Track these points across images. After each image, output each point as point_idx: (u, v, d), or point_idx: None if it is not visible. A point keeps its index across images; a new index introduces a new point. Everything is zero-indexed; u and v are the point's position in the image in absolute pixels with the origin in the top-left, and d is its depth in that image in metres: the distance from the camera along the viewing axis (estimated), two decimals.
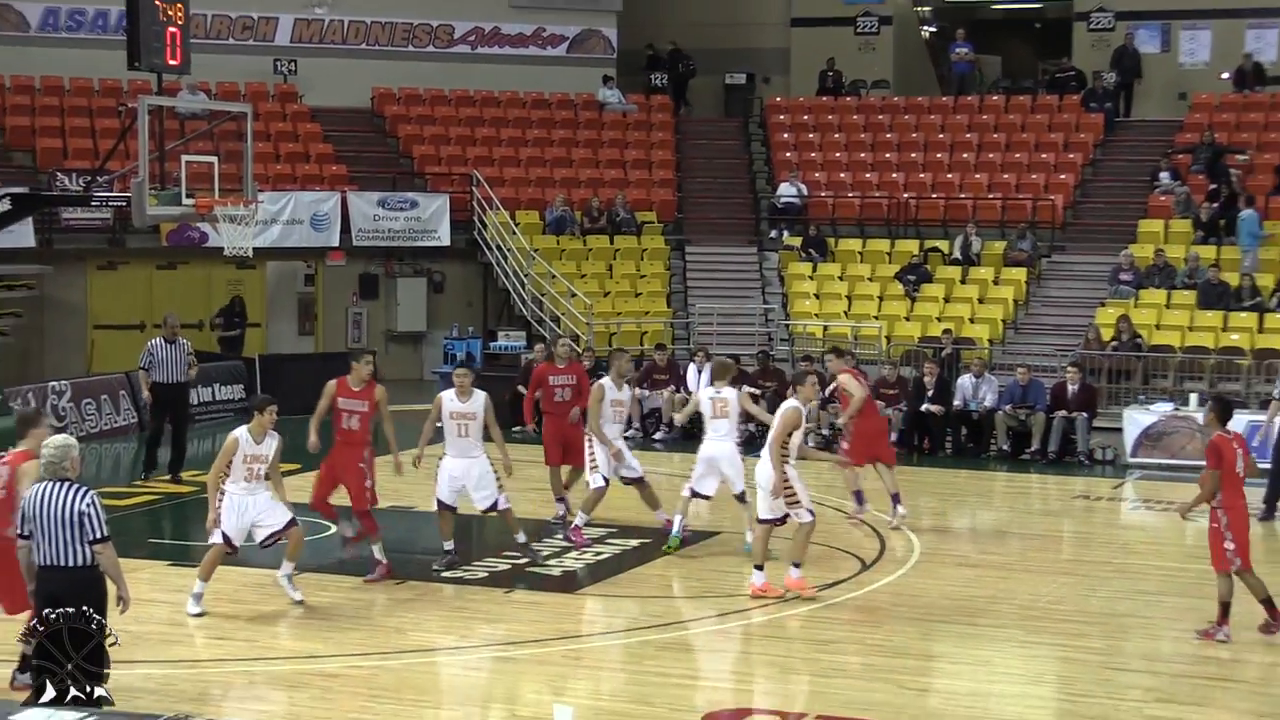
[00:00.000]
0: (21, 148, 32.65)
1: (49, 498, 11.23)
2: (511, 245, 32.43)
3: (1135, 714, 12.76)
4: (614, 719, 12.28)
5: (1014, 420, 25.57)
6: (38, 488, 11.35)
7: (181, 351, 22.56)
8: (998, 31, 41.74)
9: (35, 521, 11.22)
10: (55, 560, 11.20)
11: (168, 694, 12.73)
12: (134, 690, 12.27)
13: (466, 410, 17.23)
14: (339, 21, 36.66)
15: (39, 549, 11.24)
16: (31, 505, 11.28)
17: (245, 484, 15.15)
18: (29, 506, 11.30)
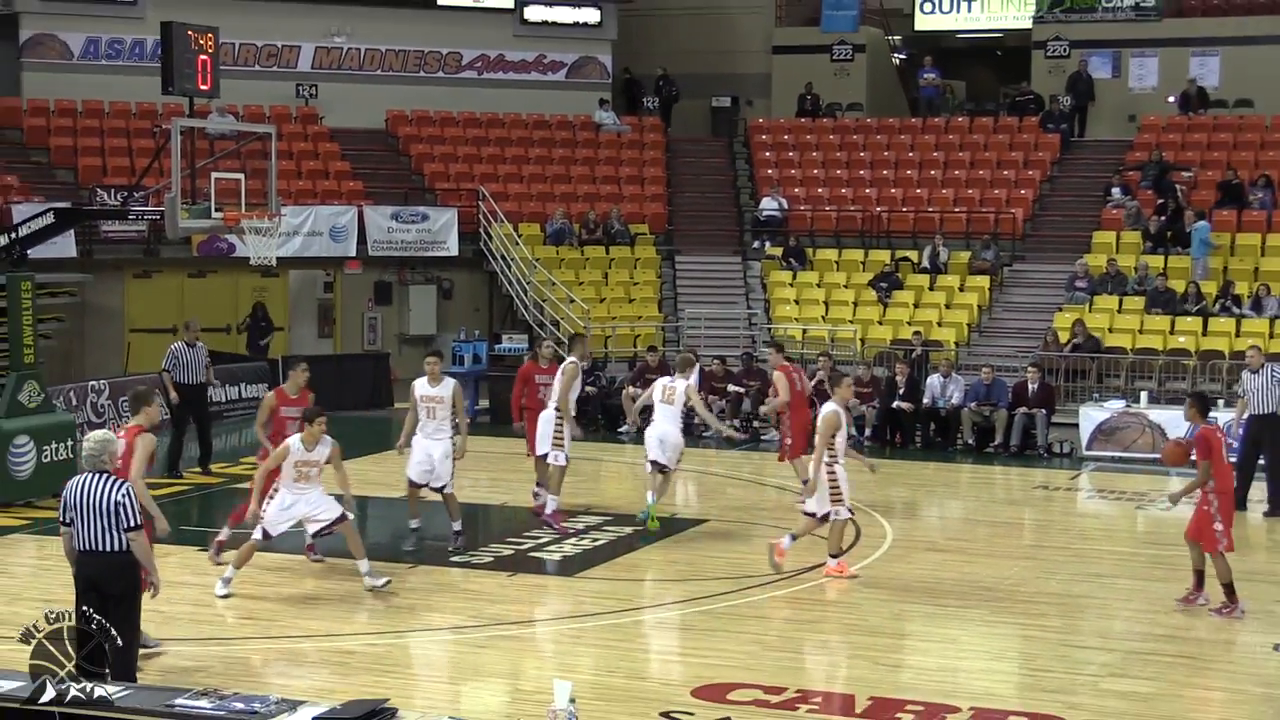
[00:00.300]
0: (65, 166, 32.59)
1: (88, 488, 11.20)
2: (515, 255, 32.38)
3: (1091, 687, 12.73)
4: (610, 693, 12.23)
5: (979, 416, 25.54)
6: (78, 479, 11.31)
7: (201, 354, 22.55)
8: (962, 58, 41.69)
9: (75, 510, 11.19)
10: (93, 546, 11.17)
11: (196, 670, 12.69)
12: (165, 667, 12.23)
13: (435, 395, 17.47)
14: (356, 49, 36.60)
15: (79, 536, 11.20)
16: (72, 495, 11.24)
17: (296, 485, 15.20)
18: (70, 496, 11.25)
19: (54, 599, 15.11)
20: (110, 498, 11.17)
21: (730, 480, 22.99)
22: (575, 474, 22.60)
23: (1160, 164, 32.46)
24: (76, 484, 11.29)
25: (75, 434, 21.21)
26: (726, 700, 12.13)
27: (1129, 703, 12.26)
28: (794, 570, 16.42)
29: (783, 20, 39.87)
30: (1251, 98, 35.15)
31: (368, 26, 36.41)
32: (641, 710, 11.81)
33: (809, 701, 12.16)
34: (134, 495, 11.31)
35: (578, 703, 8.83)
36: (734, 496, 21.77)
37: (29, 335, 20.66)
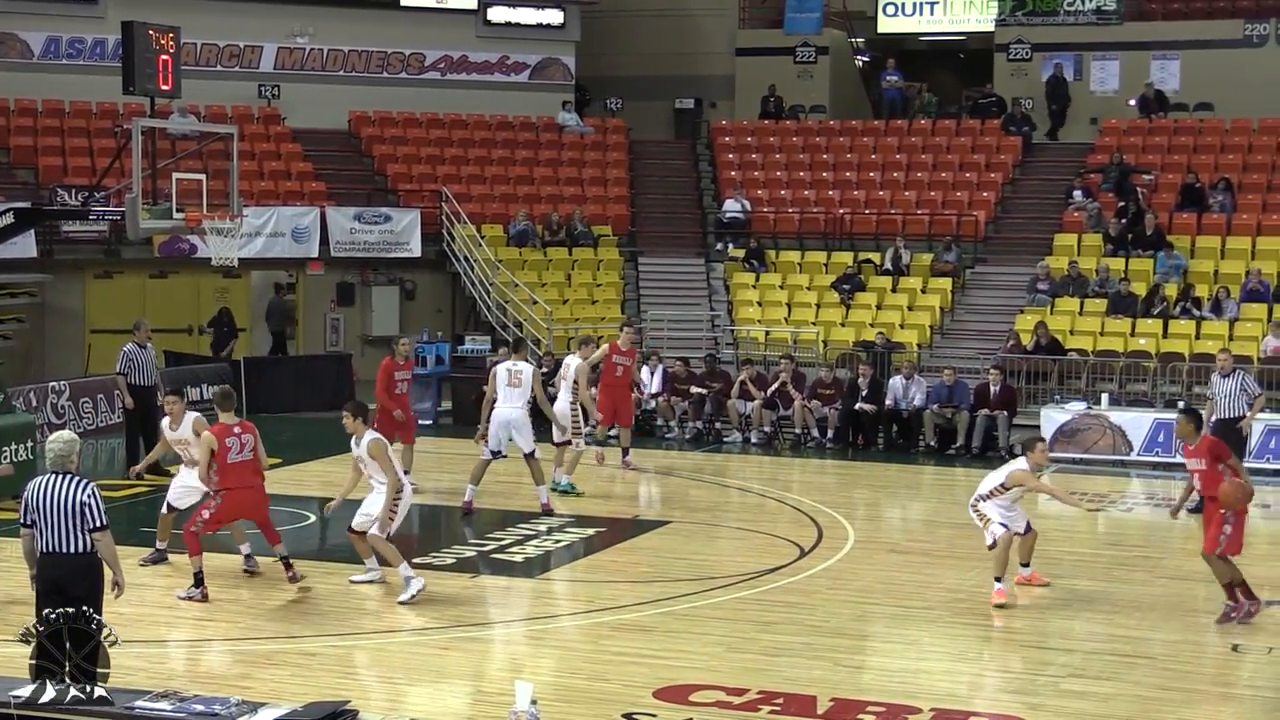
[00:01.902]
0: (25, 165, 32.42)
1: (53, 489, 11.11)
2: (478, 256, 32.35)
3: (1051, 688, 12.79)
4: (572, 694, 12.23)
5: (941, 418, 25.62)
6: (41, 480, 11.22)
7: (151, 356, 22.48)
8: (925, 61, 41.80)
9: (38, 511, 11.09)
10: (56, 547, 11.08)
11: (158, 671, 12.64)
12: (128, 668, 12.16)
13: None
14: (319, 50, 36.52)
15: (41, 537, 11.12)
16: (35, 496, 11.14)
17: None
18: (32, 497, 11.15)
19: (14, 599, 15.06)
20: (75, 498, 11.09)
21: (692, 482, 23.00)
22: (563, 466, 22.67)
23: (1121, 167, 32.61)
24: (39, 485, 11.20)
25: (36, 435, 21.12)
26: (689, 702, 12.14)
27: (1089, 703, 12.32)
28: (755, 572, 16.44)
29: (746, 22, 39.92)
30: (1211, 101, 35.34)
31: (330, 27, 36.34)
32: (603, 712, 11.81)
33: (771, 703, 12.17)
34: (99, 495, 11.25)
35: (539, 704, 8.83)
36: (696, 498, 21.79)
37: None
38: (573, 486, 20.98)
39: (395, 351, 21.33)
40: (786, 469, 24.63)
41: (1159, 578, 17.05)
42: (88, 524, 11.10)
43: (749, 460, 25.24)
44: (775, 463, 24.95)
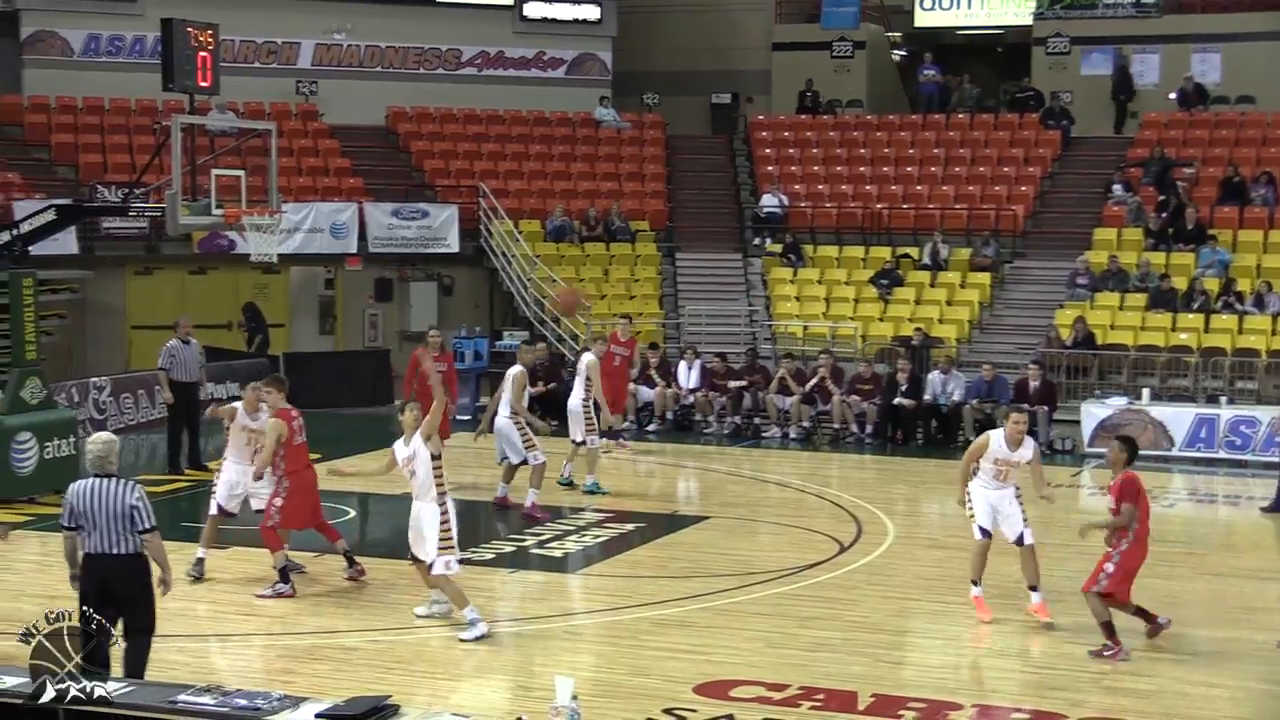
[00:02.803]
0: (65, 163, 32.60)
1: (99, 492, 11.10)
2: (515, 252, 32.38)
3: (1094, 684, 12.73)
4: (613, 689, 12.23)
5: (980, 413, 25.52)
6: (85, 484, 11.19)
7: (195, 352, 22.54)
8: (962, 55, 41.63)
9: (86, 515, 11.08)
10: (105, 549, 11.09)
11: (201, 666, 12.69)
12: (171, 662, 12.22)
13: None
14: (356, 46, 36.61)
15: (89, 539, 11.11)
16: (80, 500, 11.11)
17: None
18: (77, 502, 11.12)
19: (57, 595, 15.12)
20: (125, 501, 11.10)
21: (731, 477, 22.98)
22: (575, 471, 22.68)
23: (1162, 160, 32.44)
24: (85, 489, 11.18)
25: (77, 430, 21.25)
26: (729, 697, 12.12)
27: (1132, 699, 12.26)
28: (795, 567, 16.41)
29: (783, 17, 39.83)
30: (1252, 94, 35.11)
31: (368, 23, 36.42)
32: (644, 707, 11.80)
33: (811, 698, 12.15)
34: (146, 497, 11.29)
35: (580, 699, 8.82)
36: (735, 493, 21.76)
37: (31, 332, 20.68)
38: (598, 486, 20.90)
39: (426, 342, 21.39)
40: (825, 464, 24.59)
41: (1201, 574, 16.97)
42: (137, 526, 11.12)
43: (788, 455, 25.20)
44: (814, 458, 24.91)
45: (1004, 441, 14.57)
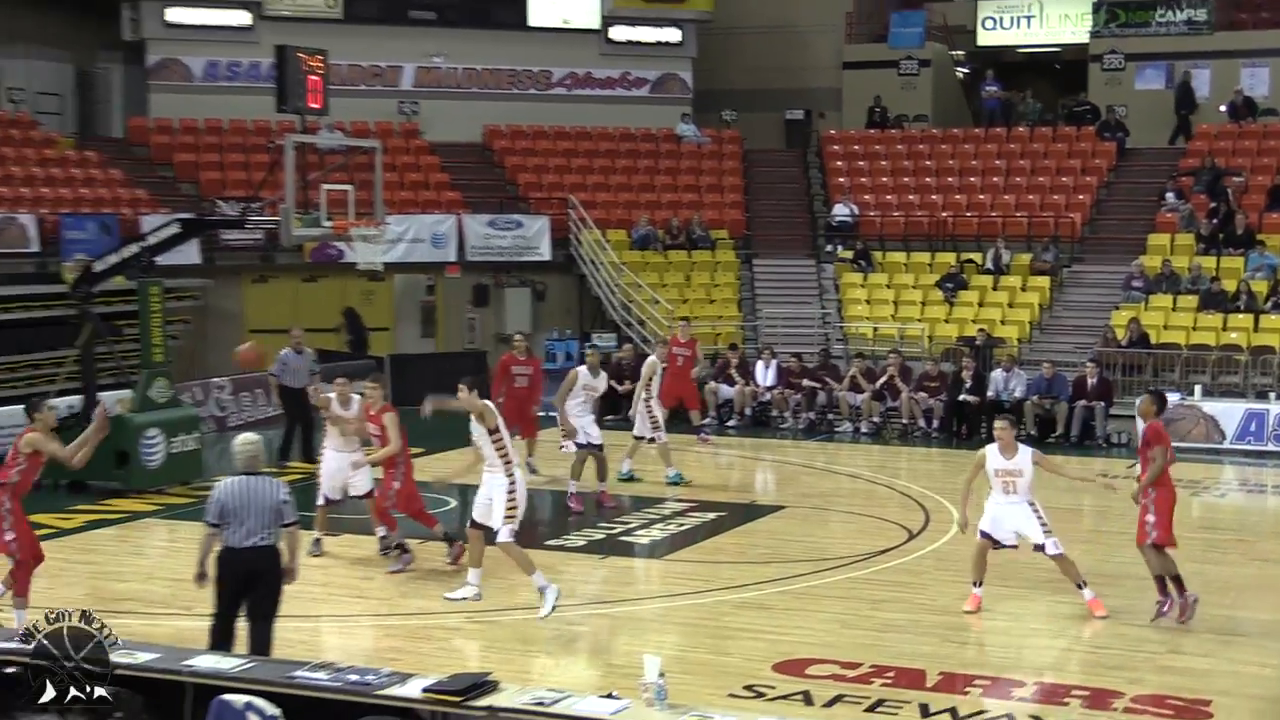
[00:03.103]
0: (188, 179, 32.98)
1: (251, 489, 11.22)
2: (603, 260, 32.45)
3: (1149, 663, 12.65)
4: (697, 667, 12.26)
5: (1041, 409, 25.36)
6: (235, 481, 11.29)
7: (306, 360, 22.71)
8: (1022, 71, 41.32)
9: (237, 512, 11.15)
10: (255, 542, 11.18)
11: (315, 644, 12.83)
12: (288, 641, 12.35)
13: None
14: (454, 69, 36.81)
15: (233, 533, 11.16)
16: (232, 498, 11.18)
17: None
18: (228, 499, 11.18)
19: (182, 578, 15.32)
20: (276, 496, 11.26)
21: (806, 469, 22.95)
22: (661, 463, 22.71)
23: (1213, 169, 32.09)
24: (236, 486, 11.25)
25: (200, 427, 21.53)
26: (805, 675, 12.13)
27: (1186, 678, 12.17)
28: (866, 553, 16.38)
29: (852, 37, 39.68)
30: None
31: (465, 48, 36.59)
32: (726, 684, 11.83)
33: (883, 676, 12.14)
34: (291, 494, 11.46)
35: (666, 676, 8.85)
36: (810, 484, 21.72)
37: (158, 336, 20.96)
38: (680, 477, 20.91)
39: (513, 347, 21.42)
40: (894, 457, 24.49)
41: (1252, 560, 16.82)
42: (283, 519, 11.27)
43: (859, 449, 25.12)
44: (884, 451, 24.82)
45: (998, 452, 14.26)
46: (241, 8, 34.80)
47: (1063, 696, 11.68)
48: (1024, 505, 14.25)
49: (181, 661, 9.63)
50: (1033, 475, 14.18)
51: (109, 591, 14.95)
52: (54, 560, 16.36)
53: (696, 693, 11.08)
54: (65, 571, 15.87)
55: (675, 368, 23.45)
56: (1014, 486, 14.18)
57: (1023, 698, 11.63)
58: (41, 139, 32.34)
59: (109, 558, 16.63)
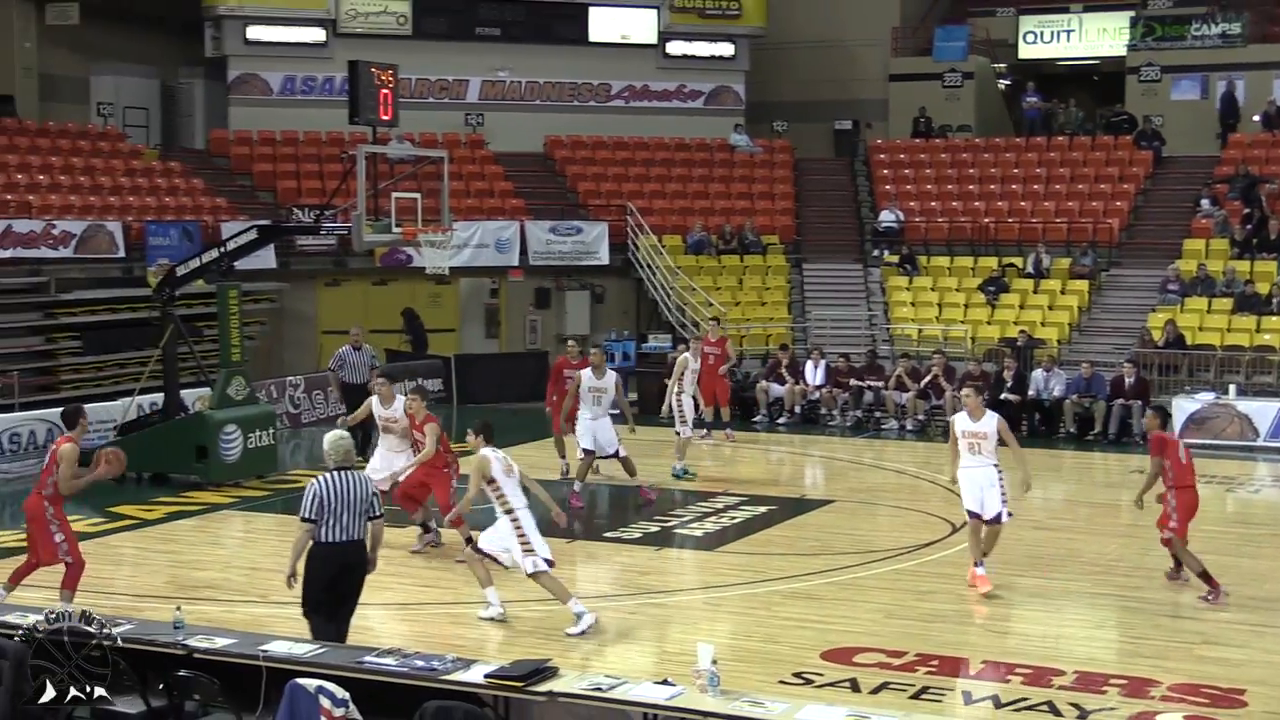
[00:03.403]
0: (265, 188, 33.15)
1: (346, 484, 11.04)
2: (659, 264, 32.40)
3: (1186, 654, 12.48)
4: (747, 655, 12.19)
5: (1080, 407, 25.14)
6: (332, 477, 11.05)
7: (365, 357, 22.75)
8: (1062, 83, 41.03)
9: (334, 507, 10.94)
10: (351, 536, 11.02)
11: (383, 631, 12.83)
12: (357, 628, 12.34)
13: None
14: (518, 82, 36.83)
15: (331, 528, 10.95)
16: (329, 493, 10.95)
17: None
18: (326, 494, 10.94)
19: (258, 567, 15.44)
20: (368, 490, 11.14)
21: (853, 465, 22.82)
22: (715, 458, 22.68)
23: (1247, 177, 31.75)
24: (334, 482, 11.03)
25: (275, 423, 21.60)
26: (853, 663, 12.04)
27: (1222, 668, 12.00)
28: (911, 546, 16.27)
29: (898, 51, 39.49)
30: None
31: (528, 62, 36.62)
32: (776, 671, 11.75)
33: (927, 664, 12.04)
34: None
35: (719, 663, 8.80)
36: (856, 479, 21.61)
37: (236, 336, 21.06)
38: (685, 471, 20.77)
39: (566, 351, 21.42)
40: (939, 453, 24.19)
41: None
42: (372, 512, 11.15)
43: (904, 446, 24.97)
44: (928, 448, 24.63)
45: (966, 416, 14.70)
46: (317, 25, 34.95)
47: (1101, 685, 11.53)
48: (990, 469, 14.51)
49: (257, 646, 9.67)
50: (996, 439, 14.51)
51: (188, 579, 15.01)
52: (137, 550, 16.51)
53: (748, 680, 11.01)
54: (148, 561, 15.96)
55: (706, 365, 23.29)
56: (979, 448, 14.53)
57: (1062, 685, 11.50)
58: (128, 150, 32.60)
59: (188, 547, 16.71)
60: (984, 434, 14.50)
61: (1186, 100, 35.87)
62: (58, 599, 12.78)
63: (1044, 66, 40.43)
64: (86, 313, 27.05)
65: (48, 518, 12.97)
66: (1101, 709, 10.96)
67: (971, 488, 14.51)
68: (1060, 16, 39.68)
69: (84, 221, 27.48)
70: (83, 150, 31.22)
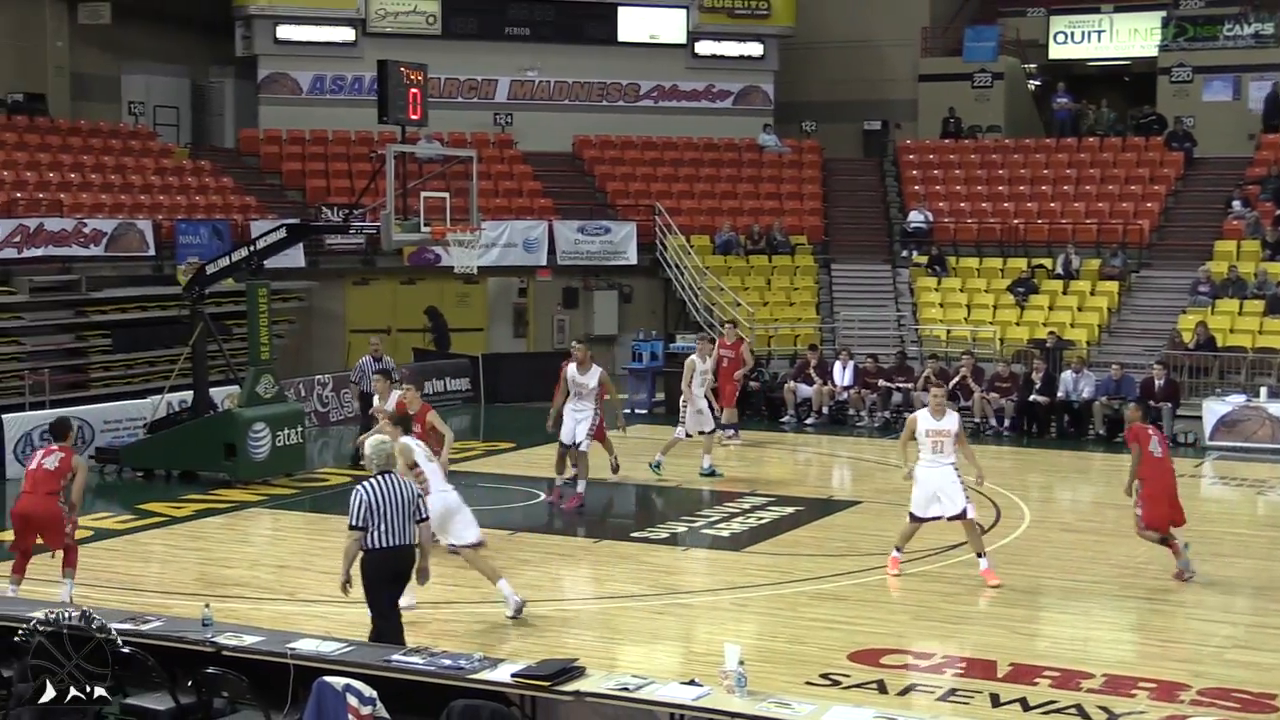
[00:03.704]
0: (294, 187, 33.24)
1: (392, 489, 10.94)
2: (687, 264, 32.38)
3: (1216, 658, 12.41)
4: (774, 656, 12.17)
5: (1109, 409, 25.01)
6: (376, 483, 10.95)
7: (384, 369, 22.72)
8: (1092, 84, 40.86)
9: (383, 512, 10.83)
10: (401, 541, 10.91)
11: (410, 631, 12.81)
12: None
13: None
14: (546, 82, 36.85)
15: (382, 533, 10.84)
16: (376, 498, 10.85)
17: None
18: (372, 499, 10.84)
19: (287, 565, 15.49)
20: (412, 493, 11.07)
21: (880, 466, 22.76)
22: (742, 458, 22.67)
23: (1279, 178, 31.54)
24: (379, 487, 10.91)
25: (303, 422, 21.64)
26: (880, 664, 12.01)
27: (1252, 672, 11.93)
28: (939, 547, 16.23)
29: (928, 51, 39.37)
30: None
31: (556, 61, 36.64)
32: (803, 672, 11.73)
33: (954, 666, 12.01)
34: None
35: (746, 664, 8.79)
36: (883, 480, 21.53)
37: (265, 335, 21.11)
38: (660, 467, 20.66)
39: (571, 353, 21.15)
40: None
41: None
42: (418, 515, 11.09)
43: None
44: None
45: (929, 415, 14.99)
46: (346, 25, 35.04)
47: (1130, 688, 11.48)
48: (949, 468, 14.81)
49: (285, 644, 9.69)
50: (956, 436, 14.83)
51: (217, 577, 15.06)
52: (165, 546, 16.57)
53: (774, 681, 10.99)
54: (176, 558, 16.02)
55: (721, 368, 23.11)
56: (941, 446, 14.79)
57: (1091, 689, 11.45)
58: (159, 149, 32.74)
59: (217, 545, 16.76)
60: (947, 432, 14.82)
61: (1218, 101, 35.66)
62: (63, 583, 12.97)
63: (1074, 67, 40.27)
64: (117, 311, 27.18)
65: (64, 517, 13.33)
66: (1130, 713, 10.91)
67: (926, 488, 14.85)
68: (1091, 17, 39.51)
69: (115, 220, 27.61)
70: (114, 149, 31.36)
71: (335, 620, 12.49)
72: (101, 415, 21.92)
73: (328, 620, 12.09)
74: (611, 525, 17.66)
